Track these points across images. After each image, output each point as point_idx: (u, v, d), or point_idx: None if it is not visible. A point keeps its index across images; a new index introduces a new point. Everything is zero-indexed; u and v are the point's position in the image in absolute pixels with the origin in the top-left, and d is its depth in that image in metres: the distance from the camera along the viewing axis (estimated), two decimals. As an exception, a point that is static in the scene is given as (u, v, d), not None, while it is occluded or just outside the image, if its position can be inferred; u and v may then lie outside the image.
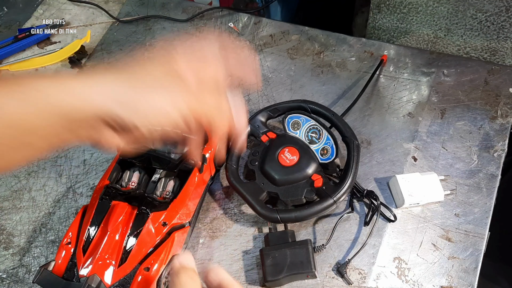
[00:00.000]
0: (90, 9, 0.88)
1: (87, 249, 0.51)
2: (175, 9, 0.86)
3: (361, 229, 0.59)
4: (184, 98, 0.36)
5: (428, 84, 0.71)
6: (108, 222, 0.52)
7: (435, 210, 0.60)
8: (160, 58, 0.38)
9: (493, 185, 0.61)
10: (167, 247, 0.51)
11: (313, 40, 0.78)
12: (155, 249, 0.51)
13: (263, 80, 0.74)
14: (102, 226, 0.52)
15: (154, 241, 0.52)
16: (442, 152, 0.64)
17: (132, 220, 0.52)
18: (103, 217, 0.52)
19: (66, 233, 0.53)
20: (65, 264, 0.51)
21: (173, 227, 0.54)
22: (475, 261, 0.56)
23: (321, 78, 0.74)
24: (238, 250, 0.58)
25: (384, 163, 0.64)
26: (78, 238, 0.52)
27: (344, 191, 0.55)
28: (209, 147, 0.59)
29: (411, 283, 0.55)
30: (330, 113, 0.61)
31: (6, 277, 0.58)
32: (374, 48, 0.76)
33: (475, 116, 0.67)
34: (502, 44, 0.80)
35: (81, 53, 0.79)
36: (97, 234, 0.52)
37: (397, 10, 0.83)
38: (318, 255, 0.57)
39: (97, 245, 0.51)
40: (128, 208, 0.54)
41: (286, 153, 0.59)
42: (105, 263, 0.50)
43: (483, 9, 0.76)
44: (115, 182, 0.58)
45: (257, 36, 0.80)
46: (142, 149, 0.53)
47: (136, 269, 0.50)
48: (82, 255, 0.50)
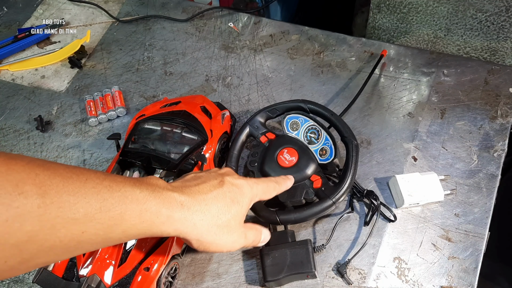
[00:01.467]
0: (90, 9, 0.88)
1: None
2: (175, 9, 0.86)
3: (361, 229, 0.59)
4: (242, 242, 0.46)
5: (428, 84, 0.71)
6: None
7: (435, 210, 0.60)
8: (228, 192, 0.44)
9: (493, 185, 0.61)
10: (167, 247, 0.51)
11: (313, 40, 0.78)
12: (155, 249, 0.51)
13: (263, 80, 0.74)
14: None
15: (154, 241, 0.52)
16: (442, 152, 0.64)
17: None
18: None
19: None
20: (64, 264, 0.51)
21: None
22: (475, 261, 0.56)
23: (321, 78, 0.74)
24: (238, 250, 0.58)
25: (384, 163, 0.64)
26: None
27: (343, 192, 0.55)
28: (209, 147, 0.59)
29: (411, 283, 0.55)
30: (329, 113, 0.61)
31: (6, 277, 0.58)
32: (374, 48, 0.76)
33: (475, 116, 0.67)
34: (502, 44, 0.80)
35: (81, 53, 0.79)
36: None
37: (397, 10, 0.83)
38: (318, 255, 0.57)
39: None
40: None
41: (285, 154, 0.59)
42: (105, 263, 0.50)
43: (483, 9, 0.75)
44: None
45: (257, 36, 0.80)
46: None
47: (136, 269, 0.50)
48: (82, 255, 0.50)
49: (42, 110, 0.74)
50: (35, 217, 0.28)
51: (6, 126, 0.73)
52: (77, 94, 0.76)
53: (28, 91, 0.77)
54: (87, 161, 0.68)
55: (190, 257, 0.58)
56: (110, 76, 0.77)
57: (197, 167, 0.57)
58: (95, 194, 0.32)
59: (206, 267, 0.57)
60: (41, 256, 0.30)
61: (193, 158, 0.58)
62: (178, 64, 0.78)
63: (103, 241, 0.34)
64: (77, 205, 0.31)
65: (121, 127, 0.71)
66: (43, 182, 0.30)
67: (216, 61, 0.78)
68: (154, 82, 0.76)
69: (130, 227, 0.35)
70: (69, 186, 0.31)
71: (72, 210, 0.31)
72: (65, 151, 0.69)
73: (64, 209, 0.30)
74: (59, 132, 0.71)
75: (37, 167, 0.30)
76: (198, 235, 0.40)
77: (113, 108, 0.72)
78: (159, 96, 0.74)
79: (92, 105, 0.72)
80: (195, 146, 0.58)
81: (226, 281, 0.56)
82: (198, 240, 0.40)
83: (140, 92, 0.75)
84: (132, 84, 0.76)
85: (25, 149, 0.70)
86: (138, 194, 0.36)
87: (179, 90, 0.74)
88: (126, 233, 0.35)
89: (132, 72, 0.78)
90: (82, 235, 0.32)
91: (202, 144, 0.59)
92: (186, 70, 0.77)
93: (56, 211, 0.30)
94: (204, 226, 0.40)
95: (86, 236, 0.32)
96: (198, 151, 0.58)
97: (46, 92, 0.76)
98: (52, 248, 0.30)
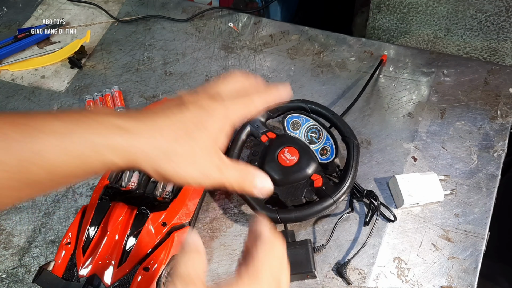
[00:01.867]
0: (89, 9, 0.88)
1: (86, 249, 0.51)
2: (175, 9, 0.86)
3: (361, 229, 0.59)
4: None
5: (428, 84, 0.71)
6: (108, 222, 0.52)
7: (435, 210, 0.60)
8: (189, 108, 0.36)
9: (493, 185, 0.61)
10: (166, 247, 0.51)
11: (313, 40, 0.78)
12: (155, 249, 0.51)
13: (263, 80, 0.74)
14: (102, 226, 0.52)
15: (153, 241, 0.52)
16: (442, 152, 0.64)
17: (131, 220, 0.53)
18: (103, 217, 0.53)
19: (65, 233, 0.53)
20: (64, 264, 0.51)
21: (172, 227, 0.54)
22: (475, 261, 0.56)
23: (321, 78, 0.74)
24: (238, 250, 0.58)
25: (384, 163, 0.64)
26: (77, 238, 0.52)
27: (344, 191, 0.55)
28: None
29: (411, 283, 0.55)
30: (329, 113, 0.61)
31: (6, 277, 0.58)
32: (374, 48, 0.76)
33: (475, 116, 0.67)
34: (502, 44, 0.80)
35: (81, 53, 0.79)
36: (96, 234, 0.52)
37: (397, 10, 0.83)
38: (318, 255, 0.57)
39: (96, 245, 0.51)
40: (128, 208, 0.54)
41: (286, 153, 0.59)
42: (105, 263, 0.50)
43: (483, 9, 0.75)
44: (115, 182, 0.58)
45: (257, 36, 0.80)
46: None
47: (136, 269, 0.50)
48: (82, 255, 0.50)
49: (42, 110, 0.74)
50: None
51: (6, 126, 0.73)
52: (77, 94, 0.76)
53: (28, 91, 0.77)
54: (87, 161, 0.67)
55: (190, 257, 0.58)
56: (110, 76, 0.77)
57: None
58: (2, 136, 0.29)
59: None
60: None
61: None
62: (178, 64, 0.78)
63: (23, 185, 0.31)
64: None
65: (121, 127, 0.71)
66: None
67: (216, 61, 0.78)
68: (154, 82, 0.76)
69: (55, 165, 0.31)
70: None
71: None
72: (65, 151, 0.69)
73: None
74: (59, 132, 0.71)
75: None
76: (154, 164, 0.34)
77: (113, 108, 0.72)
78: (159, 96, 0.74)
79: (92, 105, 0.72)
80: None
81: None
82: (156, 170, 0.34)
83: (140, 92, 0.75)
84: (132, 84, 0.76)
85: (25, 149, 0.70)
86: (57, 126, 0.31)
87: (179, 90, 0.75)
88: (55, 173, 0.31)
89: (132, 72, 0.78)
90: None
91: None
92: (186, 70, 0.77)
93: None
94: (159, 154, 0.34)
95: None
96: None
97: (46, 92, 0.76)
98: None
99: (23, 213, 0.63)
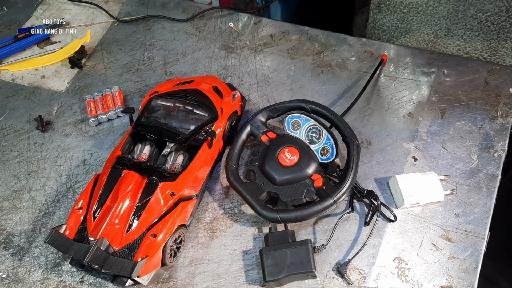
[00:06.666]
0: (90, 9, 0.88)
1: (97, 215, 0.53)
2: (175, 9, 0.86)
3: (361, 229, 0.59)
4: None
5: (428, 84, 0.71)
6: (119, 190, 0.54)
7: (435, 210, 0.60)
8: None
9: (493, 185, 0.61)
10: (174, 216, 0.53)
11: (313, 40, 0.78)
12: (162, 217, 0.53)
13: (263, 80, 0.74)
14: (113, 193, 0.54)
15: (161, 210, 0.54)
16: (442, 152, 0.64)
17: (142, 189, 0.54)
18: (114, 185, 0.55)
19: (78, 199, 0.56)
20: (76, 227, 0.53)
21: (180, 197, 0.55)
22: (475, 261, 0.56)
23: (321, 78, 0.74)
24: (238, 250, 0.58)
25: (384, 163, 0.64)
26: (89, 203, 0.55)
27: (344, 191, 0.55)
28: (219, 124, 0.61)
29: (411, 283, 0.55)
30: (330, 113, 0.61)
31: (6, 277, 0.58)
32: (374, 48, 0.76)
33: (475, 116, 0.67)
34: (502, 44, 0.80)
35: (81, 53, 0.79)
36: (107, 201, 0.54)
37: (397, 10, 0.83)
38: (318, 255, 0.57)
39: (107, 211, 0.53)
40: (139, 177, 0.55)
41: (286, 153, 0.59)
42: (114, 228, 0.52)
43: (483, 9, 0.75)
44: (127, 153, 0.60)
45: (257, 36, 0.80)
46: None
47: (144, 235, 0.52)
48: (92, 220, 0.53)
49: (42, 110, 0.74)
50: None
51: (6, 126, 0.73)
52: (77, 94, 0.76)
53: (28, 91, 0.77)
54: (87, 161, 0.68)
55: (190, 257, 0.58)
56: (110, 76, 0.77)
57: (207, 142, 0.59)
58: None
59: (206, 267, 0.57)
60: None
61: (203, 133, 0.60)
62: (178, 64, 0.78)
63: None
64: None
65: (121, 127, 0.71)
66: None
67: (216, 61, 0.78)
68: (154, 82, 0.76)
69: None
70: None
71: None
72: (65, 151, 0.69)
73: None
74: (59, 132, 0.71)
75: None
76: None
77: (113, 108, 0.72)
78: (159, 96, 0.74)
79: (92, 105, 0.72)
80: (205, 122, 0.60)
81: (226, 281, 0.56)
82: None
83: (140, 92, 0.75)
84: (132, 84, 0.76)
85: (25, 149, 0.70)
86: None
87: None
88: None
89: (132, 72, 0.78)
90: None
91: (212, 121, 0.61)
92: (186, 70, 0.77)
93: None
94: None
95: None
96: (208, 128, 0.60)
97: (46, 92, 0.76)
98: None
99: (23, 213, 0.63)
